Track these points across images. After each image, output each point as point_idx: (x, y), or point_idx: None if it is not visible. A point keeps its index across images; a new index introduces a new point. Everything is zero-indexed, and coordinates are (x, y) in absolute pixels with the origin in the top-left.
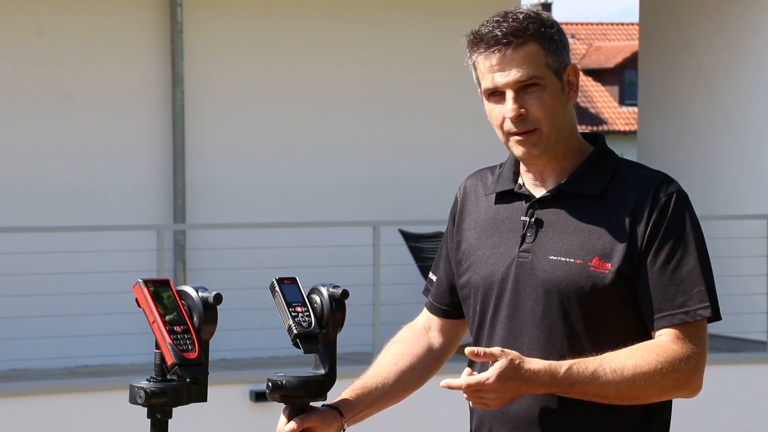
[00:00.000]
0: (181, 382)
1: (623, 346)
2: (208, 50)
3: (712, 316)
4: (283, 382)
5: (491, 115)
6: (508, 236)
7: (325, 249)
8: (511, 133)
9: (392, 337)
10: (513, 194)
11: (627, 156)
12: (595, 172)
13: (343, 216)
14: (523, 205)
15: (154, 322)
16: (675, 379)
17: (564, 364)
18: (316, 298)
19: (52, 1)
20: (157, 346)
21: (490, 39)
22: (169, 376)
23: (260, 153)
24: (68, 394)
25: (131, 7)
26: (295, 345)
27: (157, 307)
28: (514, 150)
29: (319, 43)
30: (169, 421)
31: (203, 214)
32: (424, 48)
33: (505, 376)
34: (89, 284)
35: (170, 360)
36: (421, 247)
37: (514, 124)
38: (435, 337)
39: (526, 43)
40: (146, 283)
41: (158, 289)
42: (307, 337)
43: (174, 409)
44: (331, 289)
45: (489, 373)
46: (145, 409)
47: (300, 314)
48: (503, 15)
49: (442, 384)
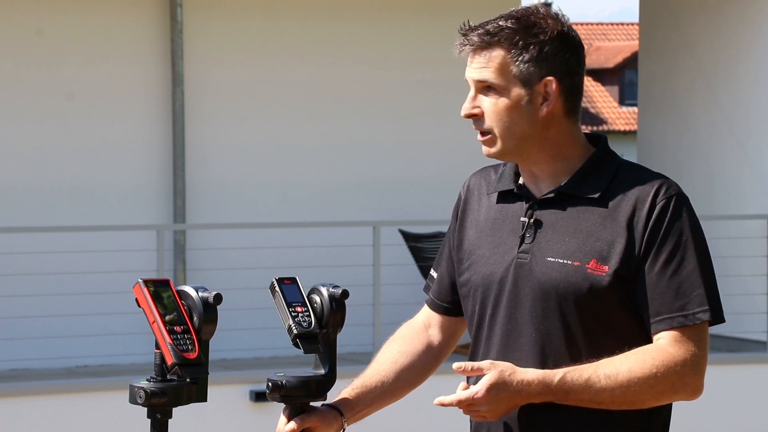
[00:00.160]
0: (181, 382)
1: (621, 348)
2: (208, 50)
3: (712, 319)
4: (283, 382)
5: None
6: (508, 236)
7: (325, 249)
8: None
9: (391, 335)
10: (514, 194)
11: (627, 156)
12: (596, 173)
13: (343, 216)
14: (524, 205)
15: (154, 322)
16: (671, 382)
17: (558, 373)
18: (316, 298)
19: (52, 1)
20: (157, 346)
21: (465, 33)
22: (169, 376)
23: (260, 153)
24: (68, 394)
25: (131, 7)
26: (295, 345)
27: (157, 307)
28: None
29: (319, 43)
30: (169, 421)
31: (203, 214)
32: (424, 48)
33: (495, 388)
34: (89, 284)
35: (170, 360)
36: (421, 247)
37: (473, 122)
38: (435, 335)
39: (491, 47)
40: (146, 283)
41: (158, 289)
42: (307, 337)
43: (174, 409)
44: (331, 289)
45: (478, 387)
46: (145, 409)
47: (300, 314)
48: (500, 15)
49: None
